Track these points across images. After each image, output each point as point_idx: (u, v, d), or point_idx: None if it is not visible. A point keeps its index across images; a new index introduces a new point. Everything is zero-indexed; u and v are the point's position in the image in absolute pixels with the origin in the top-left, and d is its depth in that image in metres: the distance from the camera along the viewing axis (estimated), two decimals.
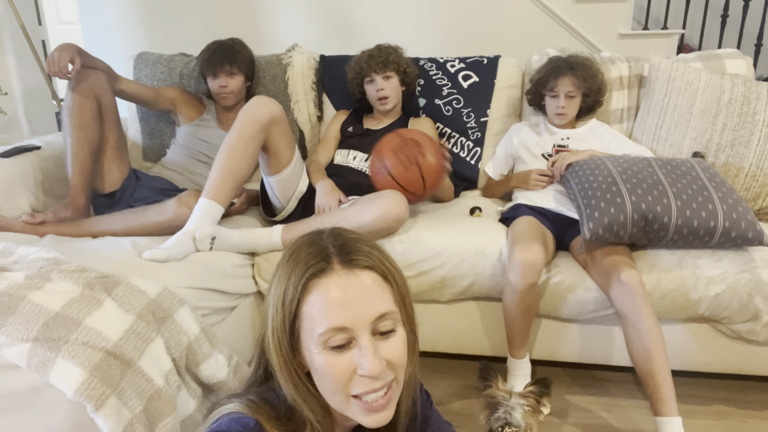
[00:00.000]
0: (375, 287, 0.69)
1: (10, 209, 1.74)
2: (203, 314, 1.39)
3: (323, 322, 0.66)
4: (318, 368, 0.67)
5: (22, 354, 1.00)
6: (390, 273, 0.71)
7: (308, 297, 0.67)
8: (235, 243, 1.59)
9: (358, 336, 0.67)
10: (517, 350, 1.57)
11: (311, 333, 0.67)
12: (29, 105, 3.63)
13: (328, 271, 0.68)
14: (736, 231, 1.47)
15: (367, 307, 0.67)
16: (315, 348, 0.67)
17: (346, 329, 0.66)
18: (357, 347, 0.67)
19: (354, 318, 0.66)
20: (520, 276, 1.46)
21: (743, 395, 1.68)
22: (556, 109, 1.88)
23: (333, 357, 0.66)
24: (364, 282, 0.68)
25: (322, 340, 0.66)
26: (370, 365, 0.65)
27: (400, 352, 0.69)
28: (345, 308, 0.66)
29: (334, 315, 0.66)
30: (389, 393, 0.69)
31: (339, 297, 0.66)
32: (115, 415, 1.00)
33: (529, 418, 1.19)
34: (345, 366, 0.66)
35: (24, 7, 3.52)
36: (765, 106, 1.79)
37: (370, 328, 0.67)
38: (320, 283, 0.67)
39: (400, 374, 0.70)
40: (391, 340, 0.69)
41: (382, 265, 0.71)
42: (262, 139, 1.62)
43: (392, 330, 0.69)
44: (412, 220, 1.74)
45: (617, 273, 1.43)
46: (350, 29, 3.21)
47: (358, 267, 0.69)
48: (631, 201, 1.47)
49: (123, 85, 1.91)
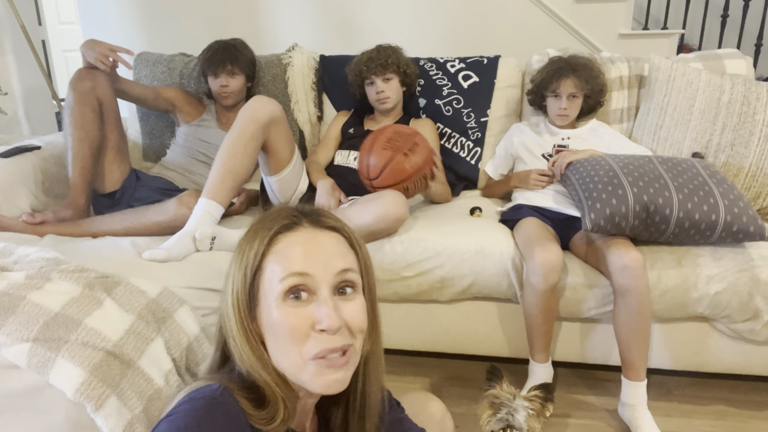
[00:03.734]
0: (340, 245, 0.70)
1: (10, 209, 1.74)
2: (203, 314, 1.39)
3: (287, 267, 0.66)
4: (275, 322, 0.66)
5: (22, 354, 1.00)
6: (356, 241, 0.73)
7: (274, 248, 0.68)
8: (235, 243, 1.59)
9: (318, 288, 0.67)
10: (539, 353, 1.57)
11: (272, 282, 0.67)
12: (29, 105, 3.63)
13: (296, 227, 0.70)
14: (737, 225, 1.47)
15: (330, 259, 0.68)
16: (274, 301, 0.66)
17: (307, 275, 0.66)
18: (316, 302, 0.66)
19: (316, 267, 0.67)
20: (541, 277, 1.46)
21: (743, 395, 1.68)
22: (558, 111, 1.88)
23: (291, 309, 0.66)
24: (330, 238, 0.70)
25: (282, 287, 0.66)
26: (328, 319, 0.64)
27: (359, 314, 0.69)
28: (310, 256, 0.67)
29: (297, 260, 0.66)
30: (347, 355, 0.67)
31: (306, 248, 0.68)
32: (115, 415, 1.00)
33: (533, 421, 1.18)
34: (303, 319, 0.65)
35: (24, 7, 3.52)
36: (765, 106, 1.79)
37: (332, 283, 0.67)
38: (288, 235, 0.69)
39: (358, 342, 0.69)
40: (350, 302, 0.69)
41: (350, 231, 0.73)
42: (262, 139, 1.62)
43: (352, 290, 0.69)
44: (412, 220, 1.74)
45: (620, 254, 1.44)
46: (350, 29, 3.21)
47: (326, 226, 0.71)
48: (633, 192, 1.47)
49: (123, 85, 1.91)
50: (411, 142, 1.66)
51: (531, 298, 1.51)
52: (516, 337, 1.70)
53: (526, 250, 1.55)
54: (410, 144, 1.65)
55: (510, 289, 1.61)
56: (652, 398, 1.64)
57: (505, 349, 1.73)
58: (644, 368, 1.47)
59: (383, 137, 1.67)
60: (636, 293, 1.42)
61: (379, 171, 1.64)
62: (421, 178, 1.68)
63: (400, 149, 1.63)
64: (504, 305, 1.68)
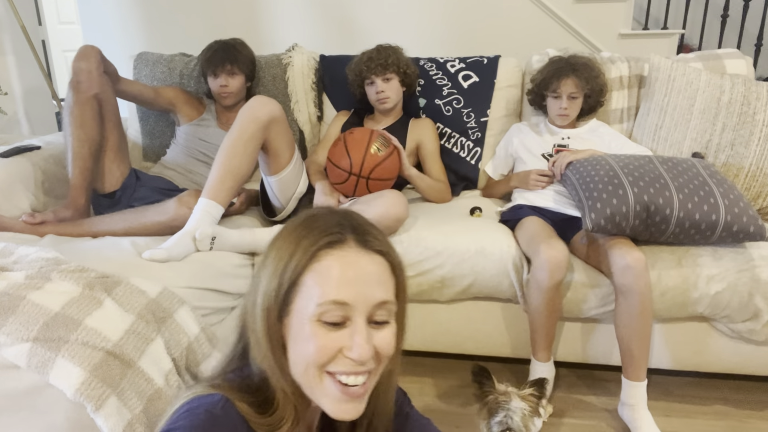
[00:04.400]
0: (383, 274, 0.68)
1: (10, 209, 1.74)
2: (203, 314, 1.39)
3: (327, 292, 0.64)
4: (305, 338, 0.65)
5: (22, 354, 1.00)
6: (398, 265, 0.71)
7: (315, 265, 0.66)
8: (235, 243, 1.59)
9: (354, 317, 0.65)
10: (542, 352, 1.58)
11: (308, 302, 0.65)
12: (29, 105, 3.63)
13: (342, 245, 0.66)
14: (738, 225, 1.47)
15: (372, 289, 0.66)
16: (307, 319, 0.65)
17: (347, 306, 0.64)
18: (350, 328, 0.65)
19: (357, 297, 0.65)
20: (547, 273, 1.46)
21: (743, 395, 1.68)
22: (558, 111, 1.88)
23: (324, 331, 0.65)
24: (375, 265, 0.67)
25: (319, 311, 0.64)
26: (360, 349, 0.64)
27: (389, 343, 0.68)
28: (351, 285, 0.65)
29: (339, 288, 0.64)
30: (365, 385, 0.67)
31: (349, 272, 0.65)
32: (115, 415, 1.00)
33: (529, 421, 1.19)
34: (333, 342, 0.64)
35: (24, 7, 3.52)
36: (765, 106, 1.79)
37: (368, 313, 0.66)
38: (333, 254, 0.66)
39: (381, 367, 0.69)
40: (383, 330, 0.68)
41: (393, 255, 0.70)
42: (262, 139, 1.62)
43: (386, 321, 0.68)
44: (412, 220, 1.74)
45: (622, 254, 1.44)
46: (350, 29, 3.21)
47: (373, 249, 0.68)
48: (633, 192, 1.47)
49: (123, 85, 1.91)
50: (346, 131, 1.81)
51: (536, 295, 1.51)
52: (516, 337, 1.70)
53: (530, 248, 1.55)
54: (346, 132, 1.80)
55: (510, 289, 1.61)
56: (652, 398, 1.64)
57: (505, 349, 1.73)
58: (644, 368, 1.47)
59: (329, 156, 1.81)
60: (638, 293, 1.42)
61: (347, 157, 1.73)
62: (381, 138, 1.77)
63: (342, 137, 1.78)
64: (504, 305, 1.68)
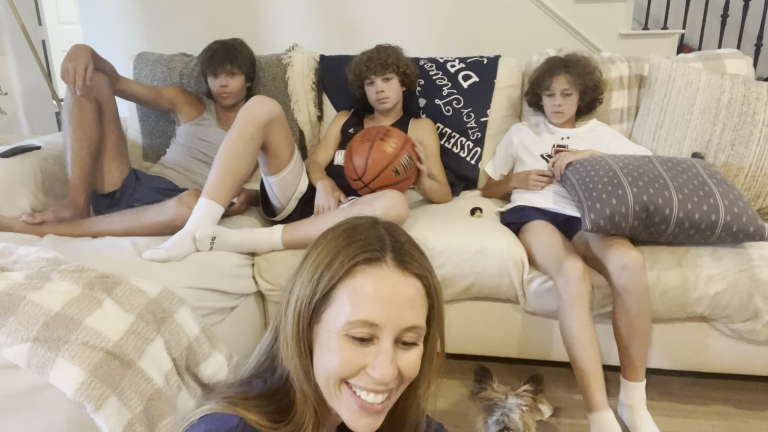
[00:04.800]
0: (417, 298, 0.67)
1: (10, 209, 1.74)
2: (203, 314, 1.39)
3: (358, 311, 0.64)
4: (331, 350, 0.65)
5: (22, 354, 1.00)
6: (434, 289, 0.70)
7: (350, 280, 0.66)
8: (236, 243, 1.59)
9: (382, 337, 0.65)
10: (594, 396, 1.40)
11: (338, 316, 0.65)
12: (29, 105, 3.63)
13: (379, 263, 0.66)
14: (737, 225, 1.47)
15: (403, 313, 0.65)
16: (335, 332, 0.65)
17: (376, 326, 0.64)
18: (376, 346, 0.65)
19: (388, 319, 0.65)
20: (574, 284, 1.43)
21: (743, 395, 1.68)
22: (553, 108, 1.88)
23: (350, 346, 0.65)
24: (410, 289, 0.67)
25: (348, 327, 0.64)
26: (383, 369, 0.64)
27: (414, 366, 0.68)
28: (383, 306, 0.64)
29: (371, 308, 0.64)
30: (386, 402, 0.67)
31: (382, 293, 0.65)
32: (115, 415, 1.00)
33: (527, 418, 1.19)
34: (358, 358, 0.65)
35: (24, 7, 3.51)
36: (765, 106, 1.79)
37: (396, 334, 0.66)
38: (369, 272, 0.66)
39: (403, 386, 0.69)
40: (409, 352, 0.68)
41: (431, 278, 0.70)
42: (262, 139, 1.62)
43: (414, 343, 0.68)
44: (412, 220, 1.74)
45: (619, 254, 1.44)
46: (350, 29, 3.21)
47: (410, 272, 0.67)
48: (633, 192, 1.47)
49: (123, 84, 1.91)
50: (383, 131, 1.72)
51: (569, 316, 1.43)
52: (516, 337, 1.70)
53: (549, 263, 1.52)
54: (383, 132, 1.71)
55: (510, 289, 1.61)
56: (652, 398, 1.63)
57: (505, 349, 1.73)
58: (644, 368, 1.47)
59: (357, 137, 1.74)
60: (635, 293, 1.41)
61: (364, 164, 1.67)
62: (408, 158, 1.69)
63: (375, 137, 1.69)
64: (504, 305, 1.68)
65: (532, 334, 1.69)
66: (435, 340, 0.73)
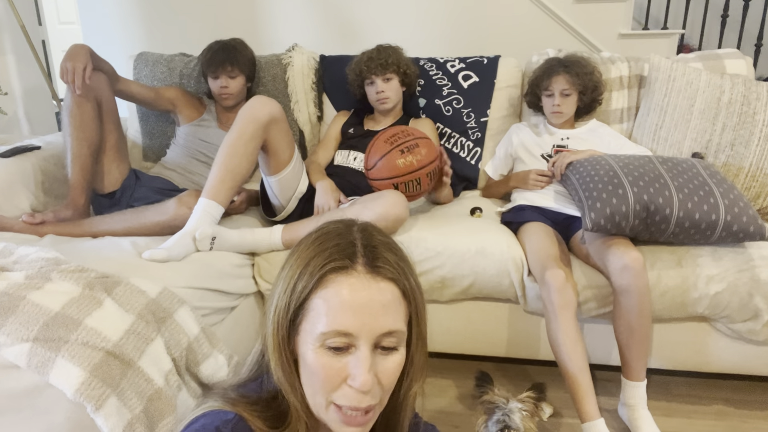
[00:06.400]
0: (392, 303, 0.66)
1: (10, 209, 1.74)
2: (203, 314, 1.39)
3: (330, 322, 0.63)
4: (309, 365, 0.65)
5: (22, 354, 1.00)
6: (411, 290, 0.69)
7: (321, 290, 0.65)
8: (235, 243, 1.59)
9: (358, 344, 0.64)
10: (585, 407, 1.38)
11: (313, 327, 0.64)
12: (29, 105, 3.63)
13: (349, 270, 0.65)
14: (737, 225, 1.47)
15: (378, 319, 0.64)
16: (311, 343, 0.64)
17: (350, 335, 0.63)
18: (354, 355, 0.64)
19: (362, 327, 0.63)
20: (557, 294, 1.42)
21: (743, 395, 1.68)
22: (552, 108, 1.88)
23: (327, 358, 0.64)
24: (382, 294, 0.65)
25: (323, 339, 0.64)
26: (362, 378, 0.63)
27: (393, 373, 0.67)
28: (355, 315, 0.63)
29: (342, 318, 0.63)
30: (369, 414, 0.66)
31: (353, 301, 0.63)
32: (115, 415, 1.00)
33: (528, 422, 1.19)
34: (337, 371, 0.64)
35: (24, 7, 3.51)
36: (765, 106, 1.79)
37: (374, 341, 0.65)
38: (338, 281, 0.64)
39: (385, 397, 0.68)
40: (389, 358, 0.66)
41: (406, 280, 0.68)
42: (262, 139, 1.62)
43: (394, 348, 0.67)
44: (412, 220, 1.74)
45: (620, 254, 1.43)
46: (350, 29, 3.21)
47: (381, 276, 0.66)
48: (633, 192, 1.47)
49: (123, 85, 1.91)
50: (412, 142, 1.65)
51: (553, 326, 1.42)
52: (516, 338, 1.70)
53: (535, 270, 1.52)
54: (410, 143, 1.65)
55: (510, 289, 1.61)
56: (652, 398, 1.64)
57: (505, 350, 1.73)
58: (644, 368, 1.47)
59: (388, 132, 1.69)
60: (636, 293, 1.41)
61: (375, 162, 1.66)
62: (414, 182, 1.64)
63: (399, 146, 1.64)
64: (504, 305, 1.68)
65: (532, 334, 1.69)
66: (417, 340, 0.72)
